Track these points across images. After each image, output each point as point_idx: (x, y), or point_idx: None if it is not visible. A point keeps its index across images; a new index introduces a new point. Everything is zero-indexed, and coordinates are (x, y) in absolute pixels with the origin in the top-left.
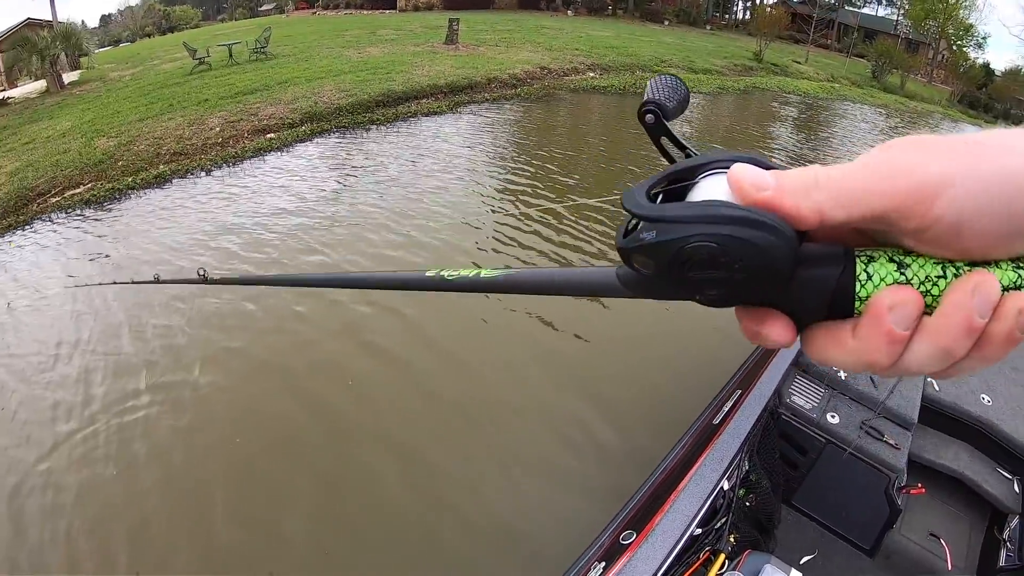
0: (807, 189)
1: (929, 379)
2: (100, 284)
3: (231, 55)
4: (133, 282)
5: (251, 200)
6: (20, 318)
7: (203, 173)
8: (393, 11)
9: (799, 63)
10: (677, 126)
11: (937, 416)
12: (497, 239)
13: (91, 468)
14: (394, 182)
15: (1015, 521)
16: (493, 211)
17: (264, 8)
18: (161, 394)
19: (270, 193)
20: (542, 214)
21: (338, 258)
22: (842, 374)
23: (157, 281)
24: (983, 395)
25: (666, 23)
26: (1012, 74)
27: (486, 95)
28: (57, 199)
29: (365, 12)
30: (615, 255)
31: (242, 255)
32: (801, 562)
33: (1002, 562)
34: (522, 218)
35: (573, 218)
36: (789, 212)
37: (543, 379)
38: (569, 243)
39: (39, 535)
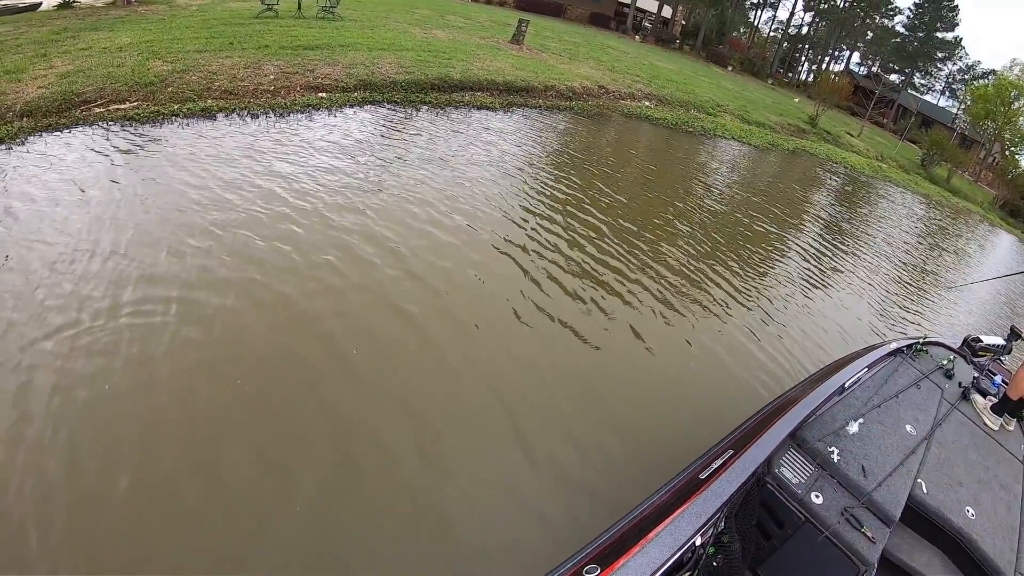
0: None
1: (919, 480)
2: None
3: (300, 8)
4: None
5: (299, 150)
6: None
7: (249, 116)
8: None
9: (852, 135)
10: (710, 164)
11: (919, 519)
12: (537, 239)
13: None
14: (443, 164)
15: None
16: (535, 213)
17: None
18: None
19: (318, 148)
20: (585, 228)
21: (381, 222)
22: (835, 456)
23: None
24: (968, 507)
25: (729, 68)
26: None
27: (540, 101)
28: (101, 110)
29: None
30: (647, 280)
31: (289, 200)
32: None
33: None
34: (565, 227)
35: (615, 240)
36: None
37: (554, 377)
38: (610, 263)
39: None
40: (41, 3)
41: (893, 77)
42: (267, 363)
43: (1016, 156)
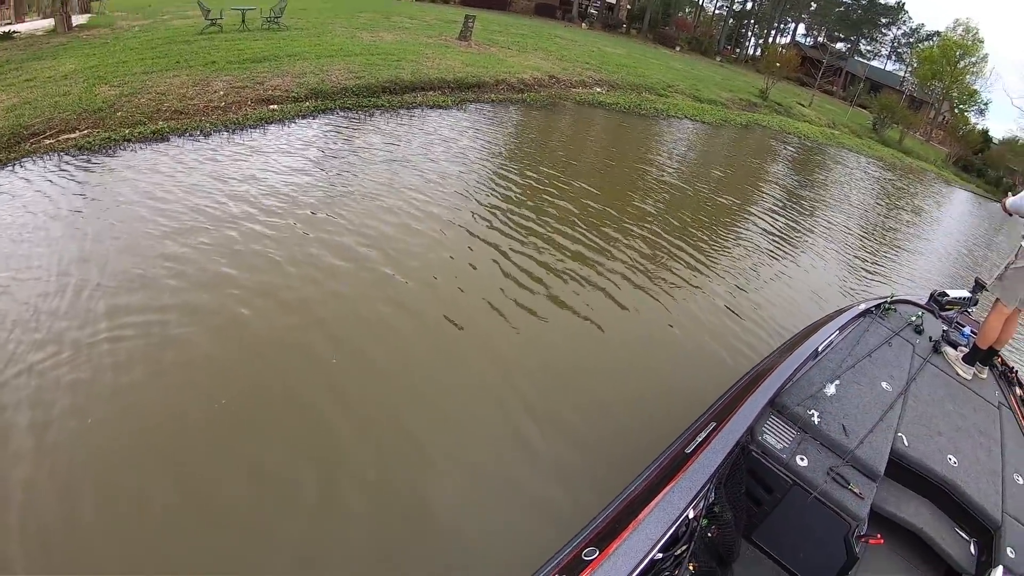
0: None
1: (899, 434)
2: None
3: (244, 21)
4: None
5: (258, 165)
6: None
7: (202, 135)
8: None
9: (803, 105)
10: (678, 147)
11: (903, 471)
12: (506, 229)
13: None
14: (405, 164)
15: None
16: (502, 204)
17: None
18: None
19: (276, 161)
20: (555, 214)
21: (352, 228)
22: (816, 419)
23: None
24: (950, 456)
25: (677, 48)
26: (1009, 143)
27: (493, 96)
28: (51, 141)
29: None
30: (619, 260)
31: (256, 216)
32: None
33: None
34: (536, 213)
35: (583, 225)
36: None
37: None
38: (582, 246)
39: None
40: None
41: (839, 46)
42: (249, 377)
43: (965, 113)
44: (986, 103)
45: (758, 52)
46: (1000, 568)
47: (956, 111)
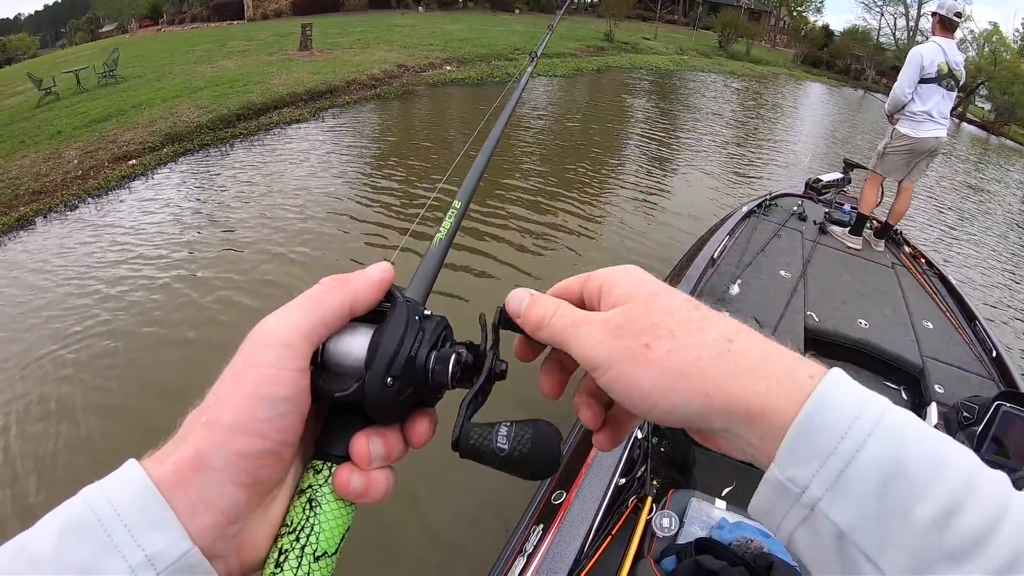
0: (540, 325)
1: (808, 313)
2: None
3: (79, 82)
4: None
5: (131, 226)
6: None
7: (68, 210)
8: (241, 21)
9: (648, 40)
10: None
11: (821, 344)
12: (392, 223)
13: None
14: (273, 189)
15: None
16: (382, 200)
17: (105, 29)
18: None
19: (149, 220)
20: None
21: (243, 271)
22: (732, 292)
23: None
24: (860, 320)
25: (517, 12)
26: (850, 33)
27: (347, 98)
28: None
29: (212, 25)
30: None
31: (139, 281)
32: (723, 493)
33: None
34: (412, 201)
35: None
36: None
37: None
38: (480, 226)
39: None
40: None
41: None
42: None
43: (804, 14)
44: (821, 0)
45: None
46: (933, 404)
47: (794, 14)
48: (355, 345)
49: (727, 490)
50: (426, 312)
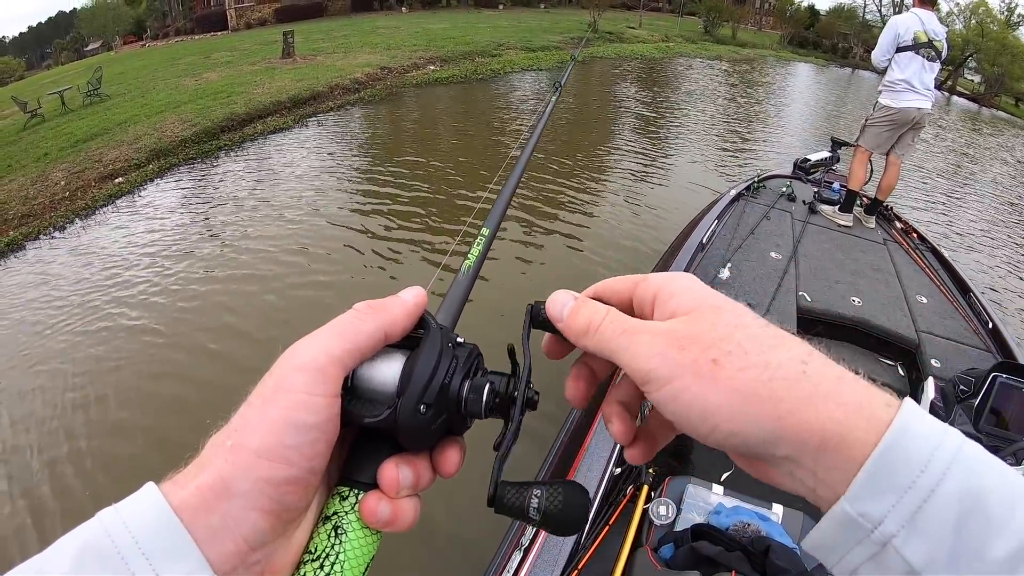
0: (585, 332)
1: (800, 292)
2: None
3: (64, 102)
4: None
5: (122, 246)
6: None
7: (56, 232)
8: (225, 32)
9: (633, 28)
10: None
11: (815, 324)
12: (385, 229)
13: None
14: (265, 201)
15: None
16: (372, 206)
17: (90, 48)
18: None
19: (138, 238)
20: (426, 201)
21: (233, 286)
22: (723, 276)
23: None
24: (853, 297)
25: (500, 7)
26: (836, 12)
27: (331, 103)
28: None
29: (196, 37)
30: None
31: (132, 303)
32: (722, 478)
33: None
34: (394, 200)
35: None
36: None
37: None
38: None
39: None
40: None
41: None
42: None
43: None
44: None
45: None
46: (930, 379)
47: None
48: (388, 371)
49: (726, 475)
50: (459, 339)
